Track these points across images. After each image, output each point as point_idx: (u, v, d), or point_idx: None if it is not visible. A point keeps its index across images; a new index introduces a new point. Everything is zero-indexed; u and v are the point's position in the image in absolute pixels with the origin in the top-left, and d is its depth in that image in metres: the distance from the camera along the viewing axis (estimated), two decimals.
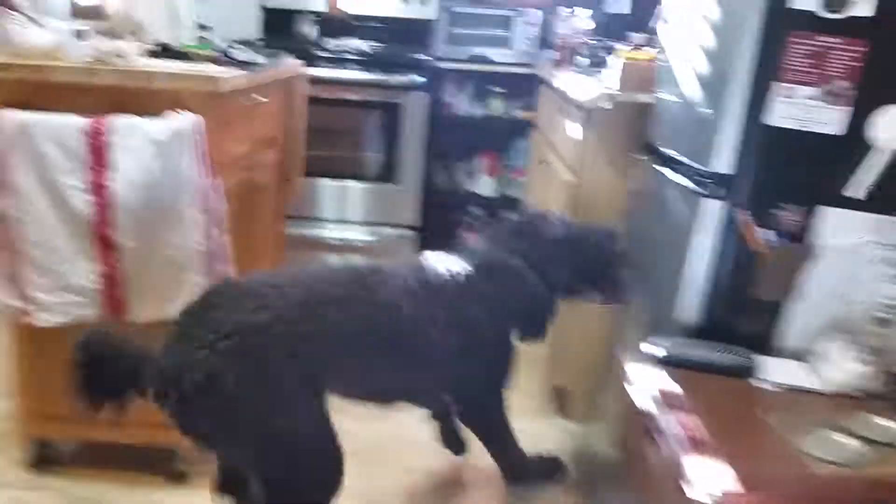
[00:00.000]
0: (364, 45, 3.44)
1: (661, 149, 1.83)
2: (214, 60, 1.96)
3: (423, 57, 3.36)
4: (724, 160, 1.50)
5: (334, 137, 3.39)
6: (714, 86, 1.55)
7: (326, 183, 3.39)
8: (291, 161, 2.60)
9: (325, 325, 1.45)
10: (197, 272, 1.79)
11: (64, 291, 1.77)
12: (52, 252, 1.75)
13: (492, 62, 3.65)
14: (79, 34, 1.86)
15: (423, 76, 3.29)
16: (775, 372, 1.45)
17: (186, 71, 1.79)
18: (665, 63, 1.86)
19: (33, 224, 1.74)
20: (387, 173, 3.40)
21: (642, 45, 2.23)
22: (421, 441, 2.14)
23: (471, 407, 1.85)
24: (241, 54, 2.04)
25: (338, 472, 1.51)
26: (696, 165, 1.58)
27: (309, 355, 1.43)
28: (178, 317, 1.45)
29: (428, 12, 3.74)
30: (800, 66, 1.43)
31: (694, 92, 1.64)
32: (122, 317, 1.78)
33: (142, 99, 1.76)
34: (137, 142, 1.70)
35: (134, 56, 1.84)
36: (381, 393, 1.75)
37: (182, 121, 1.71)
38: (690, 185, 1.59)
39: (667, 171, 1.80)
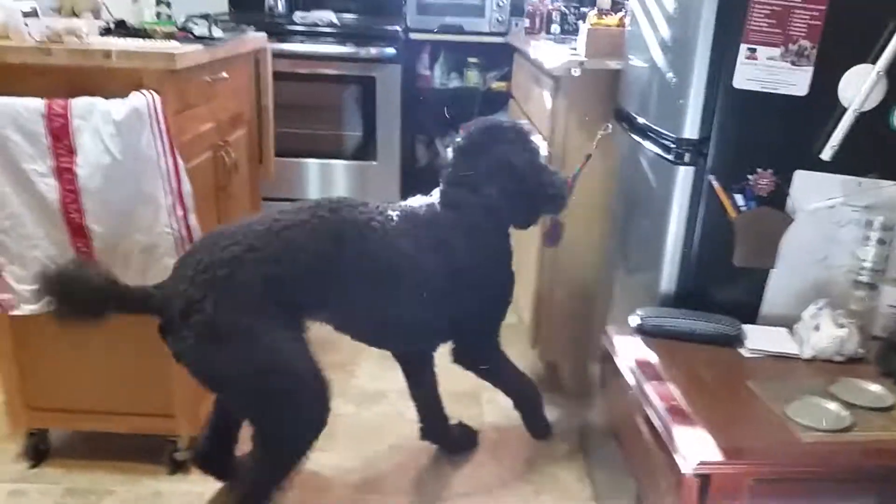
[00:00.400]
0: (332, 16, 3.37)
1: (633, 115, 1.80)
2: (172, 36, 1.91)
3: (393, 27, 3.30)
4: (692, 126, 1.49)
5: (309, 114, 3.35)
6: (678, 50, 1.53)
7: (304, 161, 3.35)
8: (263, 140, 2.55)
9: (293, 246, 1.53)
10: (168, 255, 1.76)
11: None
12: (23, 239, 1.72)
13: (465, 32, 3.60)
14: (27, 13, 1.80)
15: (394, 48, 3.24)
16: (757, 339, 1.45)
17: (142, 48, 1.74)
18: (634, 28, 1.84)
19: (2, 211, 1.70)
20: (365, 150, 3.36)
21: (608, 10, 2.19)
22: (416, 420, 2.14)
23: (463, 342, 1.86)
24: (199, 29, 1.99)
25: (323, 400, 1.58)
26: (665, 132, 1.57)
27: (279, 276, 1.50)
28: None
29: None
30: (762, 27, 1.41)
31: (660, 57, 1.62)
32: None
33: (99, 79, 1.71)
34: (97, 123, 1.66)
35: (88, 34, 1.79)
36: (369, 322, 1.74)
37: (139, 99, 1.67)
38: (662, 152, 1.57)
39: (638, 138, 1.78)
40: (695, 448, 1.12)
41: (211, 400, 1.88)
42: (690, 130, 1.49)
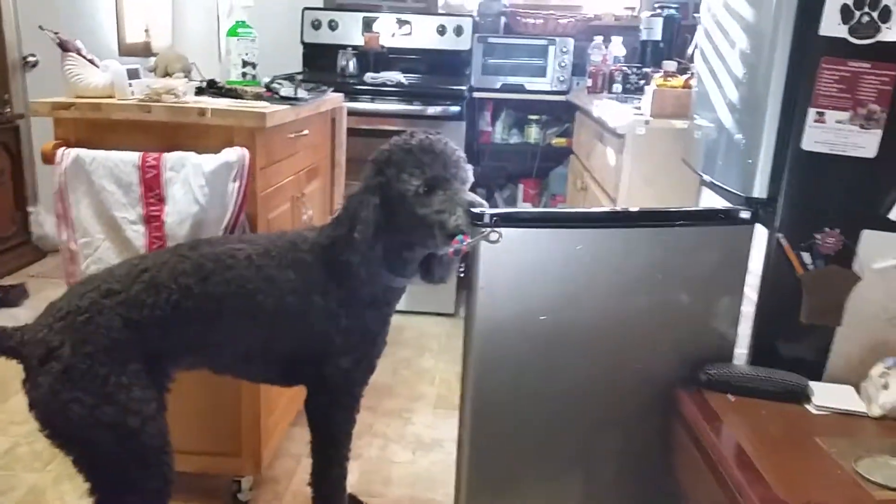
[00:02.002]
0: (401, 76, 3.52)
1: (700, 173, 1.85)
2: (260, 96, 2.04)
3: (458, 87, 3.43)
4: (761, 185, 1.52)
5: None
6: (747, 112, 1.58)
7: None
8: (335, 193, 2.67)
9: (153, 287, 1.47)
10: None
11: None
12: None
13: (526, 91, 3.71)
14: (131, 73, 1.95)
15: (458, 106, 3.36)
16: (825, 396, 1.45)
17: (235, 107, 1.87)
18: (701, 90, 1.89)
19: (91, 256, 1.83)
20: None
21: (674, 73, 2.26)
22: None
23: (314, 387, 1.72)
24: (285, 90, 2.12)
25: (166, 474, 1.51)
26: (734, 191, 1.60)
27: (140, 320, 1.45)
28: None
29: (463, 43, 3.83)
30: (832, 92, 1.45)
31: (727, 118, 1.67)
32: None
33: (193, 134, 1.84)
34: (188, 175, 1.78)
35: (185, 93, 1.93)
36: (235, 352, 1.63)
37: (231, 154, 1.79)
38: (732, 212, 1.60)
39: (705, 195, 1.82)
40: (766, 501, 1.13)
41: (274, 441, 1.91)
42: (759, 190, 1.53)
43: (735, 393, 1.49)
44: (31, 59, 4.23)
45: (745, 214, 1.54)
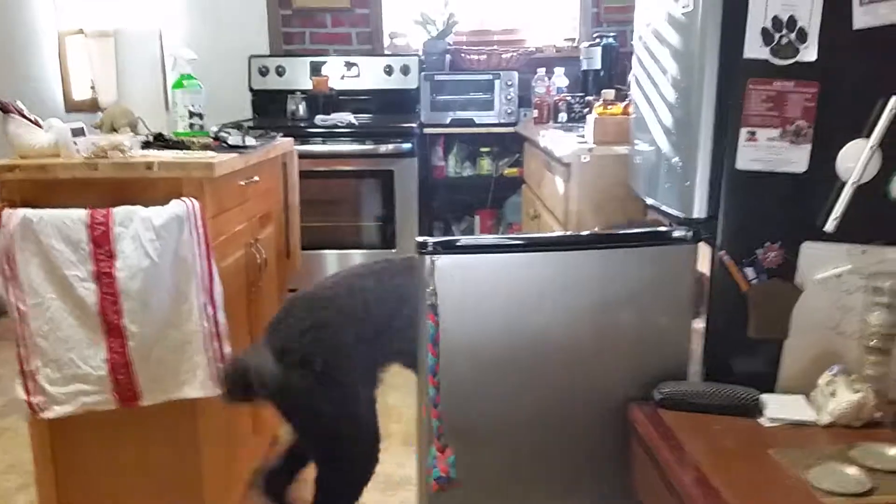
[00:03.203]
0: (351, 117, 3.56)
1: (642, 197, 1.90)
2: (207, 146, 2.05)
3: (408, 125, 3.47)
4: (700, 206, 1.57)
5: (331, 208, 3.50)
6: (681, 135, 1.63)
7: (326, 253, 3.47)
8: (290, 236, 2.67)
9: (369, 308, 1.78)
10: (197, 352, 1.83)
11: (73, 381, 1.81)
12: (60, 343, 1.80)
13: (476, 124, 3.77)
14: (76, 131, 1.95)
15: (409, 143, 3.40)
16: (776, 408, 1.48)
17: (182, 159, 1.87)
18: (637, 115, 1.95)
19: (41, 317, 1.79)
20: (385, 239, 3.48)
21: (613, 100, 2.32)
22: None
23: None
24: (233, 138, 2.13)
25: (377, 457, 1.84)
26: (675, 212, 1.65)
27: (366, 335, 1.76)
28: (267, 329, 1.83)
29: (410, 82, 3.90)
30: (761, 111, 1.51)
31: (664, 142, 1.72)
32: (134, 402, 1.82)
33: (142, 188, 1.84)
34: (137, 229, 1.77)
35: (131, 147, 1.92)
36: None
37: (179, 206, 1.79)
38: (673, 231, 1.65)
39: (651, 218, 1.87)
40: None
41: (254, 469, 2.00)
42: (699, 210, 1.57)
43: (689, 410, 1.51)
44: None
45: (684, 234, 1.58)
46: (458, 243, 1.52)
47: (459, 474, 1.57)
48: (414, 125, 3.48)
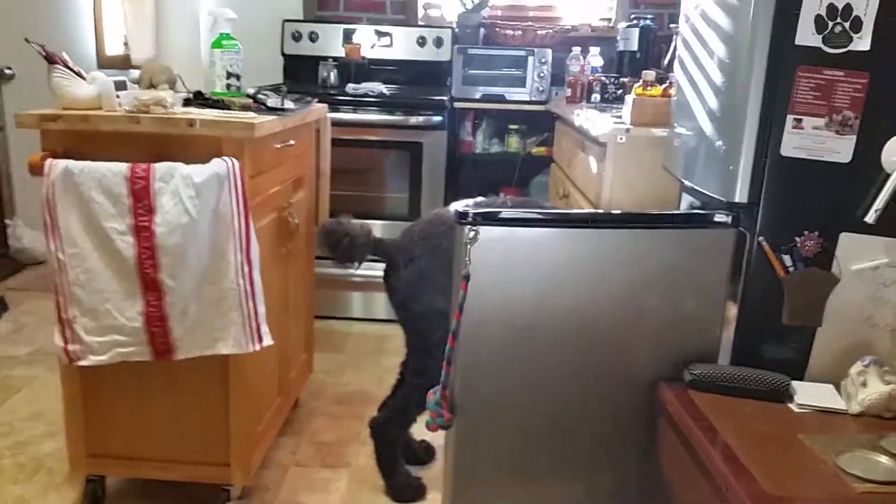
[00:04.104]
0: (383, 87, 3.55)
1: (681, 179, 1.89)
2: (247, 107, 2.06)
3: (439, 98, 3.47)
4: (742, 191, 1.57)
5: (359, 178, 3.50)
6: (727, 119, 1.62)
7: None
8: (320, 202, 2.68)
9: None
10: (233, 309, 1.86)
11: (109, 332, 1.85)
12: (96, 293, 1.83)
13: (506, 101, 3.75)
14: (118, 85, 1.96)
15: (440, 115, 3.40)
16: (806, 395, 1.49)
17: (223, 118, 1.88)
18: (680, 98, 1.94)
19: (79, 267, 1.83)
20: (411, 211, 3.49)
21: (653, 82, 2.31)
22: None
23: None
24: (271, 100, 2.14)
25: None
26: (715, 196, 1.65)
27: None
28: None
29: (443, 54, 3.87)
30: (808, 99, 1.51)
31: (708, 126, 1.71)
32: (168, 356, 1.85)
33: (182, 145, 1.85)
34: (177, 185, 1.79)
35: (173, 104, 1.94)
36: None
37: (220, 165, 1.80)
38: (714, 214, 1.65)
39: (686, 201, 1.87)
40: (754, 498, 1.16)
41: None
42: (740, 195, 1.57)
43: (719, 392, 1.53)
44: (7, 71, 4.20)
45: (724, 218, 1.59)
46: (498, 215, 1.52)
47: (481, 445, 1.60)
48: (445, 98, 3.46)
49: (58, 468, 2.25)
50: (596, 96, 3.20)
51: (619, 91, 3.19)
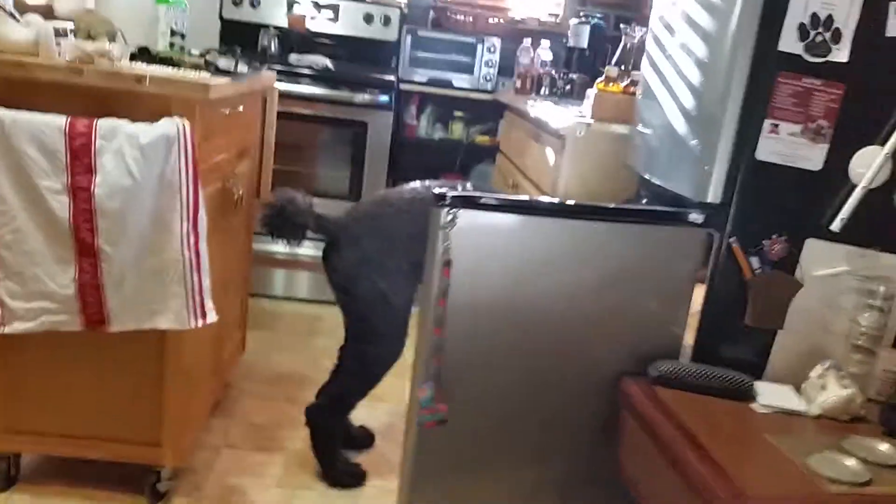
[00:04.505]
0: (328, 62, 3.43)
1: (646, 177, 1.89)
2: (199, 66, 1.92)
3: (388, 77, 3.38)
4: (715, 191, 1.58)
5: (298, 154, 3.37)
6: (703, 120, 1.63)
7: None
8: (262, 175, 2.56)
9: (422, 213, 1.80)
10: (176, 282, 1.74)
11: (37, 298, 1.70)
12: (24, 256, 1.68)
13: (453, 87, 3.70)
14: (59, 32, 1.80)
15: (387, 95, 3.31)
16: (769, 396, 1.52)
17: (177, 76, 1.75)
18: (648, 96, 1.94)
19: (7, 226, 1.66)
20: (351, 191, 3.39)
21: (614, 78, 2.31)
22: None
23: None
24: (223, 62, 2.01)
25: (404, 340, 2.01)
26: (686, 195, 1.65)
27: (414, 234, 1.80)
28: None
29: (389, 34, 3.78)
30: (787, 105, 1.53)
31: (681, 125, 1.72)
32: (101, 327, 1.72)
33: (127, 103, 1.71)
34: (121, 145, 1.65)
35: (119, 58, 1.79)
36: None
37: (169, 126, 1.68)
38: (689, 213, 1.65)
39: (647, 198, 1.87)
40: (734, 497, 1.16)
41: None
42: (713, 195, 1.58)
43: (683, 389, 1.53)
44: None
45: (697, 218, 1.59)
46: (477, 199, 1.47)
47: (442, 432, 1.56)
48: (393, 78, 3.38)
49: None
50: (545, 89, 3.20)
51: (568, 87, 3.20)
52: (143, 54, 1.96)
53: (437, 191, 1.45)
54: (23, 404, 1.85)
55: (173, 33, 2.33)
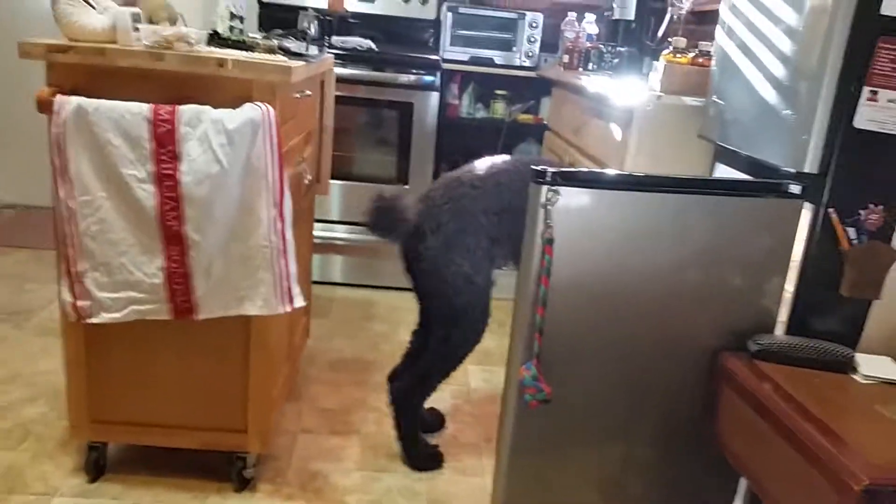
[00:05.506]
0: (370, 43, 3.40)
1: (727, 147, 1.87)
2: (272, 49, 1.91)
3: (433, 56, 3.35)
4: (812, 161, 1.56)
5: (343, 138, 3.35)
6: (798, 88, 1.60)
7: (335, 183, 3.34)
8: (322, 159, 2.55)
9: (501, 201, 1.96)
10: (263, 268, 1.74)
11: (124, 288, 1.70)
12: (111, 246, 1.68)
13: (494, 64, 3.67)
14: (135, 17, 1.78)
15: (432, 75, 3.29)
16: (869, 366, 1.50)
17: (259, 60, 1.74)
18: (726, 66, 1.91)
19: (92, 216, 1.66)
20: (398, 174, 3.37)
21: (683, 49, 2.28)
22: None
23: None
24: (295, 45, 2.00)
25: (485, 323, 2.03)
26: (780, 166, 1.63)
27: (489, 212, 1.95)
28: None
29: (428, 12, 3.74)
30: (886, 71, 1.50)
31: (770, 94, 1.69)
32: (189, 315, 1.72)
33: (207, 88, 1.70)
34: (206, 131, 1.64)
35: (197, 42, 1.78)
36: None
37: (254, 110, 1.67)
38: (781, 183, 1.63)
39: (720, 171, 1.85)
40: (860, 466, 1.16)
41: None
42: (811, 165, 1.56)
43: (783, 362, 1.52)
44: None
45: (795, 188, 1.57)
46: (577, 176, 1.46)
47: (543, 410, 1.56)
48: (438, 58, 3.35)
49: (47, 434, 2.08)
50: (593, 64, 3.16)
51: (616, 60, 3.16)
52: (213, 38, 1.95)
53: (536, 168, 1.44)
54: (110, 395, 1.87)
55: (233, 16, 2.31)
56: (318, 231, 3.27)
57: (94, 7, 1.79)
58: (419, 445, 2.12)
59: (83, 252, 1.68)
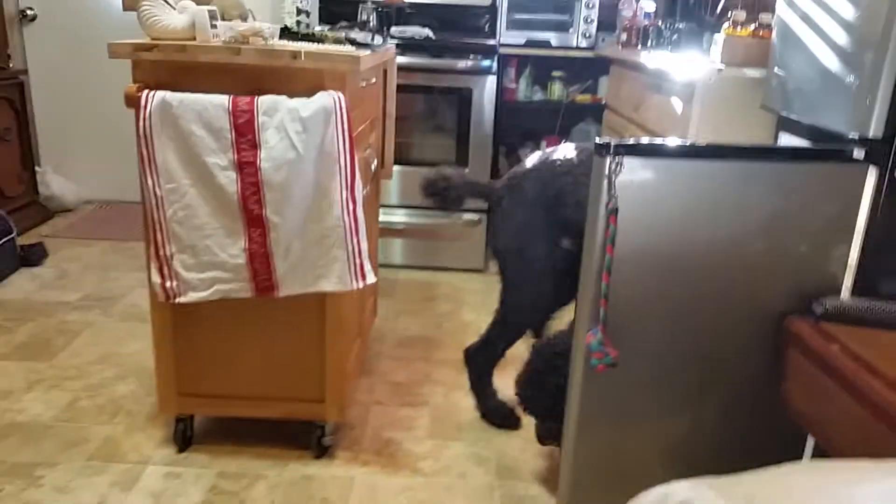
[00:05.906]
0: (428, 31, 3.47)
1: (789, 117, 1.88)
2: (340, 41, 2.00)
3: (490, 42, 3.40)
4: (877, 125, 1.56)
5: (404, 124, 3.44)
6: (861, 54, 1.60)
7: (397, 168, 3.43)
8: (385, 145, 2.64)
9: (554, 179, 2.05)
10: (337, 246, 1.83)
11: (209, 268, 1.81)
12: (196, 230, 1.79)
13: (551, 46, 3.70)
14: (211, 15, 1.89)
15: (489, 60, 3.34)
16: None
17: (326, 51, 1.82)
18: (788, 37, 1.92)
19: (178, 203, 1.78)
20: (458, 158, 3.44)
21: (743, 22, 2.28)
22: None
23: None
24: (361, 36, 2.08)
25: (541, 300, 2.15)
26: (843, 132, 1.64)
27: (547, 194, 2.04)
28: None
29: None
30: None
31: (832, 62, 1.69)
32: (270, 293, 1.83)
33: (282, 79, 1.79)
34: (283, 120, 1.74)
35: (271, 36, 1.87)
36: None
37: (327, 98, 1.75)
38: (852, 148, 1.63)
39: (784, 141, 1.86)
40: None
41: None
42: (876, 130, 1.56)
43: (849, 323, 1.53)
44: (29, 12, 4.06)
45: (859, 153, 1.58)
46: (640, 146, 1.50)
47: (612, 371, 1.60)
48: (495, 42, 3.40)
49: (137, 410, 2.23)
50: (651, 41, 3.16)
51: (675, 36, 3.15)
52: (284, 32, 2.05)
53: (598, 141, 1.49)
54: (195, 370, 1.99)
55: (299, 11, 2.42)
56: (380, 216, 3.37)
57: (173, 7, 1.91)
58: (490, 400, 2.26)
59: (171, 236, 1.80)
